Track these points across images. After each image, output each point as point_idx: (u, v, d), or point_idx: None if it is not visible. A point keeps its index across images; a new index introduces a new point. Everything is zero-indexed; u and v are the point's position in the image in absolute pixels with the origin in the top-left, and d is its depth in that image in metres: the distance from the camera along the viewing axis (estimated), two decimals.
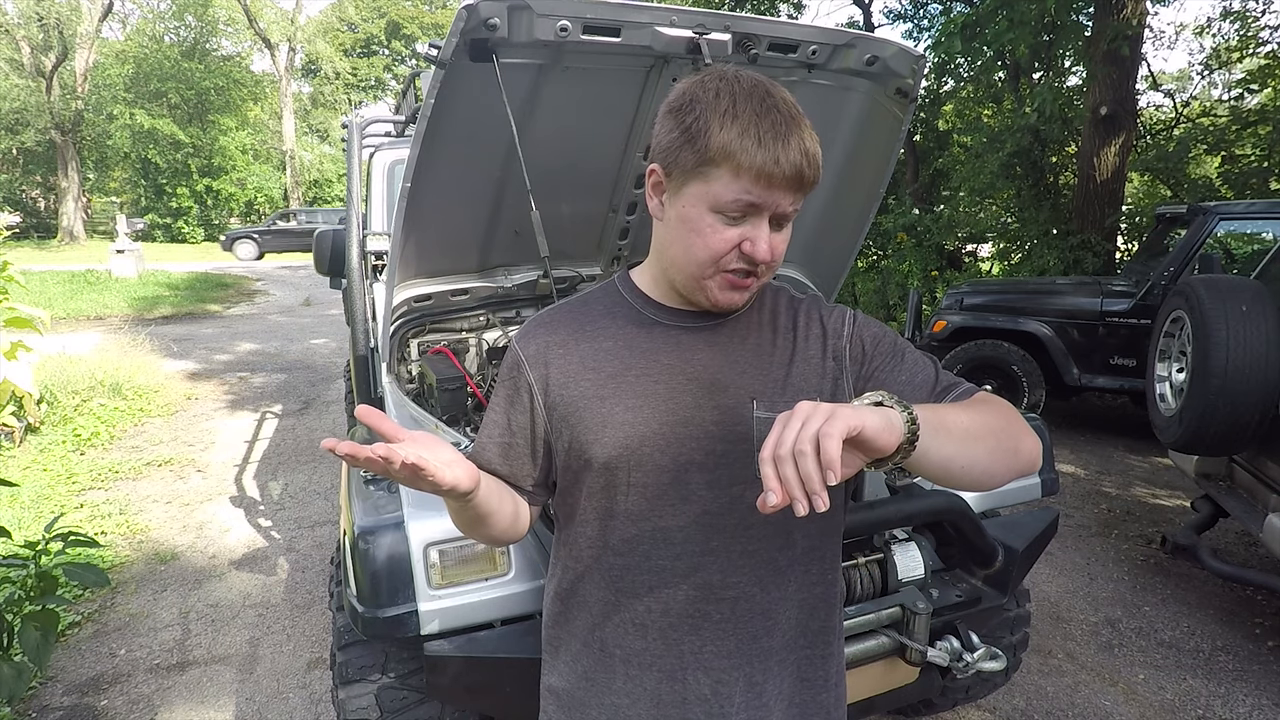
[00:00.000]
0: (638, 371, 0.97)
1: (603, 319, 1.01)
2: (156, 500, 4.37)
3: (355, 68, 38.54)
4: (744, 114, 0.85)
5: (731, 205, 0.86)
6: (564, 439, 0.98)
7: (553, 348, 1.00)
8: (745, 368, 0.98)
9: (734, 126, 0.84)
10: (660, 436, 0.95)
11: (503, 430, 1.02)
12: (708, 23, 1.81)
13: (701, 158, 0.86)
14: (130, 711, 2.56)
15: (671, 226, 0.93)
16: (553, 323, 1.02)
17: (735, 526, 0.96)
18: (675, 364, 0.97)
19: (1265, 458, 2.91)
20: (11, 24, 22.69)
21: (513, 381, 1.01)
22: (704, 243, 0.89)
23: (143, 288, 13.34)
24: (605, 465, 0.96)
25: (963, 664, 1.58)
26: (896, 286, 9.72)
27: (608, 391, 0.96)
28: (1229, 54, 10.37)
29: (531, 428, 1.00)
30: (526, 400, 1.00)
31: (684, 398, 0.96)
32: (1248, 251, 6.43)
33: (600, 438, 0.95)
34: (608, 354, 0.98)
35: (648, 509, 0.96)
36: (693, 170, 0.87)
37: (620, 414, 0.95)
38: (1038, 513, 1.92)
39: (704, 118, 0.86)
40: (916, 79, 2.06)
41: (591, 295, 1.06)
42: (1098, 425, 6.10)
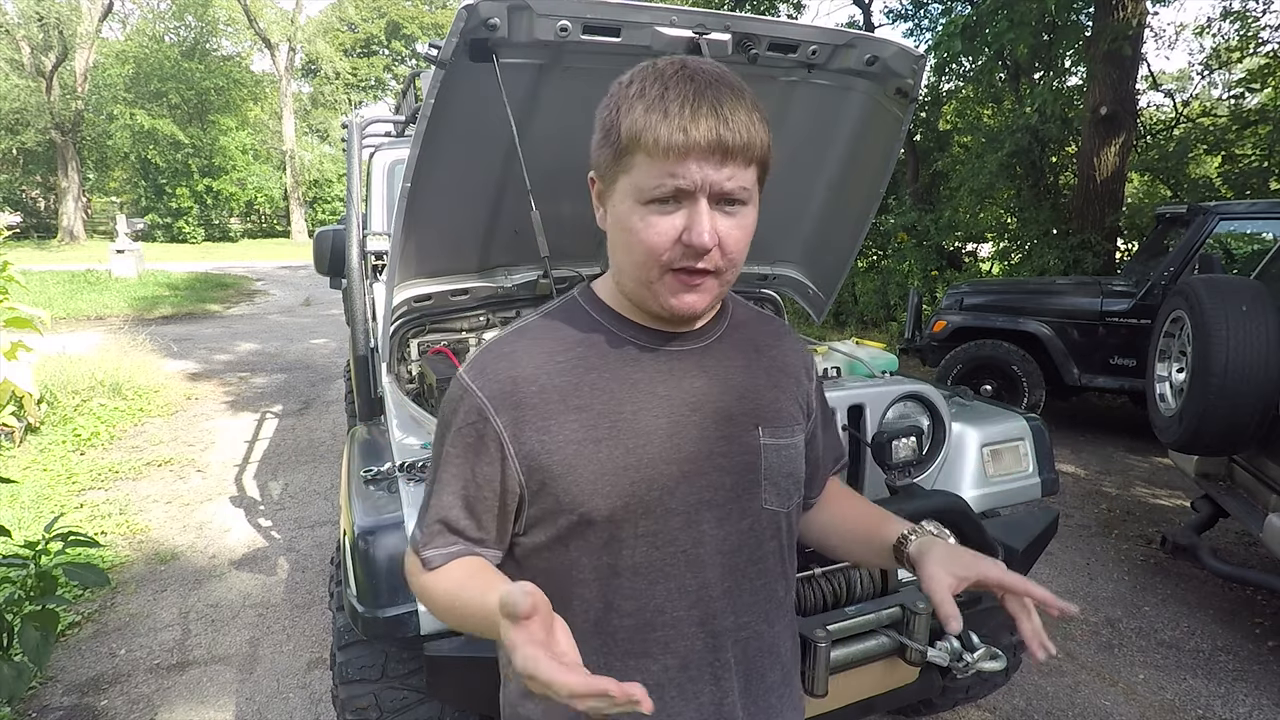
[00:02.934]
0: (634, 406, 0.85)
1: (577, 346, 0.87)
2: (156, 500, 4.37)
3: (355, 68, 38.53)
4: (650, 91, 0.78)
5: (654, 191, 0.78)
6: (548, 494, 0.84)
7: (522, 385, 0.84)
8: (742, 391, 0.92)
9: (639, 105, 0.78)
10: (668, 478, 0.85)
11: (465, 484, 0.86)
12: (708, 23, 1.81)
13: (617, 149, 0.80)
14: (130, 711, 2.56)
15: (611, 233, 0.85)
16: (515, 355, 0.86)
17: (747, 564, 0.91)
18: (673, 394, 0.87)
19: (1265, 458, 2.91)
20: (11, 24, 22.68)
21: (473, 430, 0.85)
22: (639, 240, 0.80)
23: (143, 288, 13.35)
24: (609, 519, 0.84)
25: (963, 664, 1.58)
26: (896, 286, 9.72)
27: (602, 433, 0.84)
28: (1229, 54, 10.37)
29: (502, 482, 0.85)
30: (494, 451, 0.84)
31: (688, 431, 0.87)
32: (1248, 251, 6.43)
33: (600, 488, 0.83)
34: (593, 389, 0.85)
35: (660, 560, 0.86)
36: (614, 165, 0.81)
37: (621, 458, 0.84)
38: (1038, 513, 1.93)
39: (615, 108, 0.80)
40: (916, 79, 2.06)
41: (552, 316, 0.91)
42: (1098, 425, 6.10)
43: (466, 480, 0.86)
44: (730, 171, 0.78)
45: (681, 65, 0.79)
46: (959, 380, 5.53)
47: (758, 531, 0.92)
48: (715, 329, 0.93)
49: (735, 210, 0.81)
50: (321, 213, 30.86)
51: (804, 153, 2.32)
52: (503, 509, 0.87)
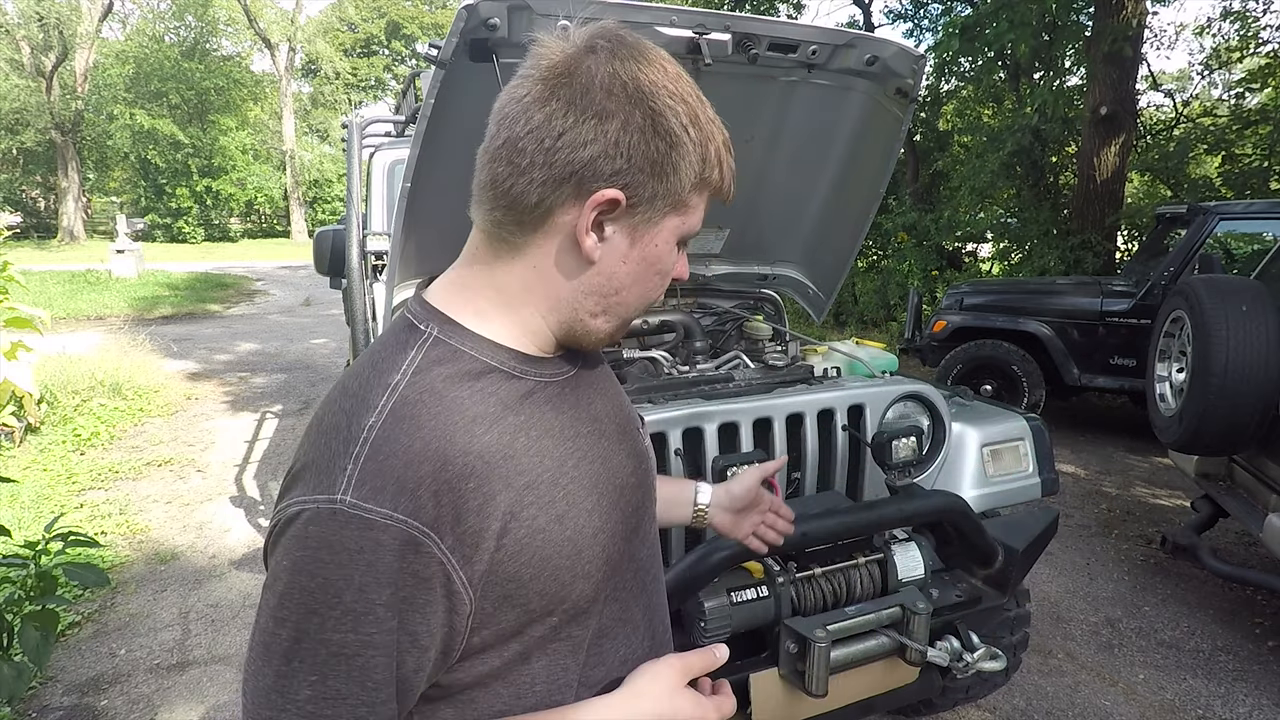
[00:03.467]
0: (575, 459, 0.72)
1: (487, 407, 0.66)
2: (156, 500, 4.37)
3: (355, 68, 38.53)
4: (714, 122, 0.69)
5: (695, 232, 0.72)
6: (512, 608, 0.66)
7: (456, 488, 0.61)
8: (618, 395, 0.86)
9: (719, 138, 0.69)
10: (619, 522, 0.75)
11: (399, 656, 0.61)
12: (708, 23, 1.81)
13: (699, 182, 0.69)
14: (130, 711, 2.56)
15: (625, 268, 0.70)
16: (427, 448, 0.61)
17: (658, 570, 0.87)
18: (592, 428, 0.76)
19: (1265, 458, 2.91)
20: (11, 24, 22.68)
21: (407, 578, 0.59)
22: (663, 280, 0.73)
23: (143, 288, 13.35)
24: (594, 598, 0.72)
25: (963, 664, 1.58)
26: (896, 286, 9.72)
27: (560, 508, 0.68)
28: (1229, 54, 10.37)
29: (450, 624, 0.63)
30: (439, 591, 0.61)
31: (614, 461, 0.77)
32: (1248, 251, 6.43)
33: (580, 570, 0.69)
34: (530, 455, 0.67)
35: (619, 611, 0.78)
36: (678, 199, 0.68)
37: (586, 524, 0.70)
38: (1038, 513, 1.92)
39: (695, 127, 0.67)
40: (916, 79, 2.06)
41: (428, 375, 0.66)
42: (1098, 425, 6.10)
43: (406, 652, 0.61)
44: None
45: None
46: (959, 380, 5.53)
47: (656, 533, 0.90)
48: None
49: None
50: (321, 213, 30.84)
51: (804, 153, 2.32)
52: (442, 660, 0.65)
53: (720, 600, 1.44)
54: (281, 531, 0.61)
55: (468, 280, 0.73)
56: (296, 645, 0.59)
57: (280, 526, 0.61)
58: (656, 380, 2.09)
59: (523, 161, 0.65)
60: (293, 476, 0.64)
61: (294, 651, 0.59)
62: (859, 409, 1.93)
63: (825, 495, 1.90)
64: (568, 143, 0.63)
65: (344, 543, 0.58)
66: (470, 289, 0.72)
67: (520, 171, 0.65)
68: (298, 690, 0.59)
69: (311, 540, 0.58)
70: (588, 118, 0.63)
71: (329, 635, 0.58)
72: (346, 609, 0.58)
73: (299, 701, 0.59)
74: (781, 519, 1.19)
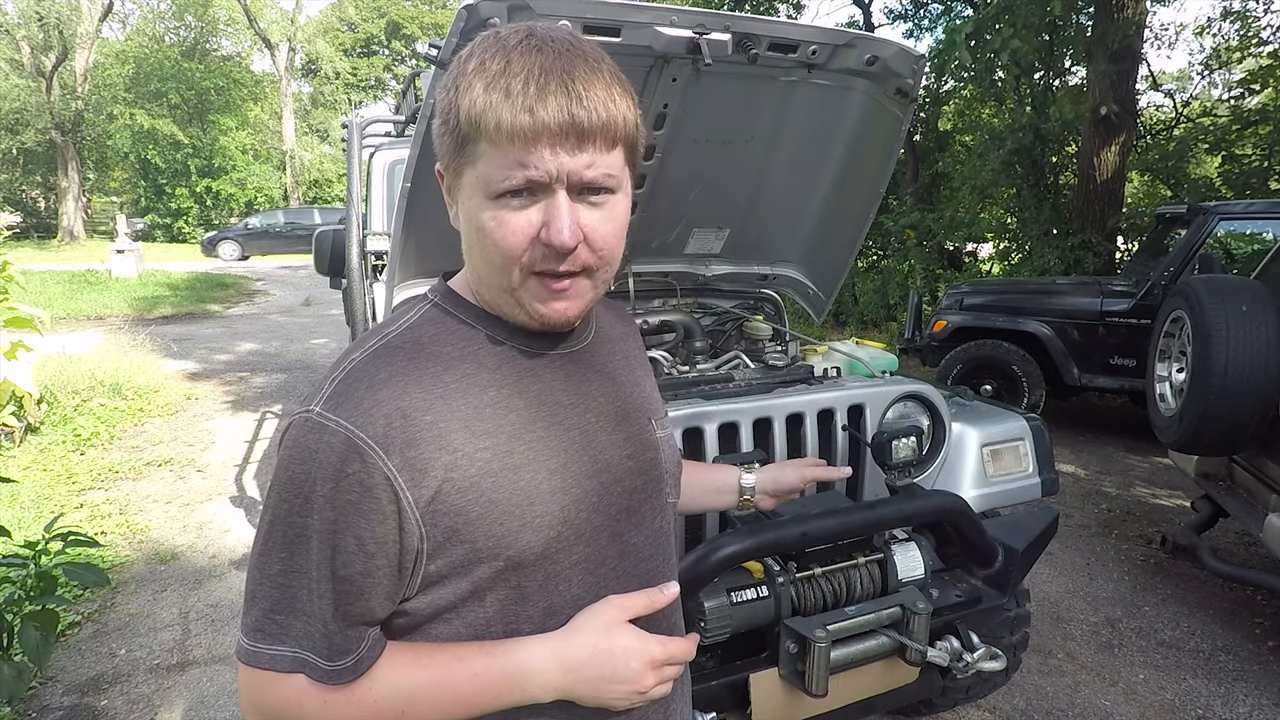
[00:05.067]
0: (545, 422, 0.76)
1: (462, 362, 0.74)
2: (156, 500, 4.37)
3: (355, 68, 38.53)
4: (491, 66, 0.67)
5: (503, 183, 0.68)
6: (460, 543, 0.71)
7: (413, 417, 0.69)
8: (631, 386, 0.87)
9: (479, 83, 0.67)
10: (593, 493, 0.78)
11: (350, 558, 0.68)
12: (708, 23, 1.81)
13: (458, 136, 0.69)
14: (130, 711, 2.56)
15: (463, 233, 0.75)
16: (393, 380, 0.70)
17: (662, 564, 0.87)
18: (576, 401, 0.80)
19: (1265, 458, 2.91)
20: (11, 24, 22.69)
21: (354, 484, 0.67)
22: (493, 241, 0.71)
23: (143, 288, 13.35)
24: (544, 554, 0.74)
25: (963, 664, 1.58)
26: (897, 286, 9.72)
27: (519, 458, 0.73)
28: (1229, 54, 10.37)
29: (400, 541, 0.69)
30: (387, 504, 0.68)
31: (599, 438, 0.80)
32: (1248, 251, 6.43)
33: (530, 521, 0.73)
34: (497, 408, 0.74)
35: (594, 584, 0.79)
36: (457, 155, 0.71)
37: (545, 481, 0.74)
38: (1038, 513, 1.92)
39: (454, 88, 0.69)
40: (916, 79, 2.06)
41: (416, 329, 0.77)
42: (1098, 425, 6.10)
43: (351, 552, 0.68)
44: (589, 157, 0.68)
45: (528, 34, 0.69)
46: (959, 380, 5.53)
47: (665, 528, 0.89)
48: (590, 322, 0.87)
49: (601, 200, 0.71)
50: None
51: (804, 153, 2.32)
52: (397, 577, 0.71)
53: (720, 600, 1.44)
54: (280, 439, 0.73)
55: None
56: (271, 527, 0.70)
57: (280, 435, 0.74)
58: (656, 380, 2.09)
59: None
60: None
61: (270, 532, 0.70)
62: (859, 409, 1.93)
63: (825, 495, 1.89)
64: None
65: (306, 443, 0.69)
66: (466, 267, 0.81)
67: None
68: (271, 565, 0.70)
69: (289, 442, 0.70)
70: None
71: (293, 518, 0.69)
72: (304, 497, 0.68)
73: (272, 575, 0.70)
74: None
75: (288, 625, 0.70)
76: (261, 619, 0.70)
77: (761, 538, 1.41)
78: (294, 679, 0.70)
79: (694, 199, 2.37)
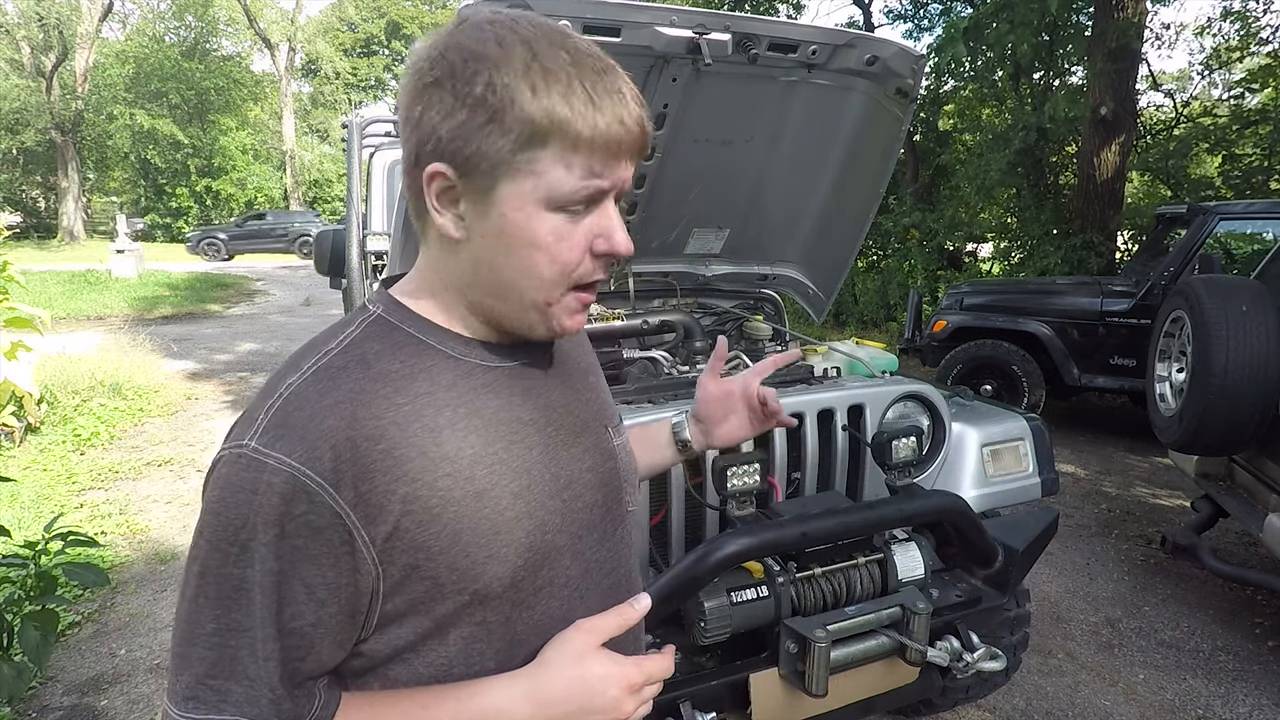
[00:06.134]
0: (505, 441, 0.70)
1: (414, 380, 0.67)
2: (156, 500, 4.37)
3: (355, 68, 38.54)
4: (554, 63, 0.62)
5: (575, 193, 0.64)
6: (420, 579, 0.65)
7: (362, 447, 0.62)
8: (587, 394, 0.83)
9: (551, 84, 0.61)
10: (555, 514, 0.73)
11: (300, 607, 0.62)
12: (708, 23, 1.81)
13: (519, 139, 0.62)
14: (130, 711, 2.56)
15: (489, 244, 0.67)
16: (339, 406, 0.63)
17: (624, 575, 0.84)
18: (536, 416, 0.74)
19: (1265, 458, 2.91)
20: (11, 24, 22.70)
21: (301, 525, 0.60)
22: (550, 257, 0.66)
23: (143, 288, 13.35)
24: (510, 584, 0.69)
25: (963, 664, 1.58)
26: (897, 286, 9.72)
27: (481, 484, 0.67)
28: (1229, 54, 10.37)
29: (353, 584, 0.63)
30: (339, 544, 0.61)
31: (560, 453, 0.75)
32: (1248, 251, 6.43)
33: (496, 552, 0.67)
34: (455, 429, 0.67)
35: (557, 606, 0.74)
36: (508, 159, 0.63)
37: (509, 506, 0.69)
38: (1038, 513, 1.92)
39: (501, 80, 0.61)
40: (916, 79, 2.06)
41: (360, 346, 0.68)
42: (1098, 425, 6.10)
43: (300, 604, 0.62)
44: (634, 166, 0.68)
45: (563, 35, 0.64)
46: (959, 380, 5.53)
47: (626, 538, 0.86)
48: None
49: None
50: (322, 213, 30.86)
51: (804, 153, 2.32)
52: (350, 622, 0.65)
53: (720, 600, 1.44)
54: (207, 478, 0.65)
55: (417, 266, 0.75)
56: (202, 580, 0.62)
57: (207, 473, 0.66)
58: (656, 380, 2.09)
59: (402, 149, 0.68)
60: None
61: (201, 586, 0.62)
62: (859, 409, 1.93)
63: (825, 495, 1.89)
64: (406, 123, 0.66)
65: (242, 483, 0.61)
66: (415, 275, 0.75)
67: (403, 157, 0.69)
68: (204, 623, 0.62)
69: (220, 481, 0.62)
70: (415, 97, 0.65)
71: (228, 570, 0.61)
72: (242, 545, 0.60)
73: (205, 634, 0.62)
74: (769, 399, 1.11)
75: (226, 691, 0.61)
76: (195, 685, 0.61)
77: (761, 538, 1.41)
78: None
79: (694, 199, 2.37)
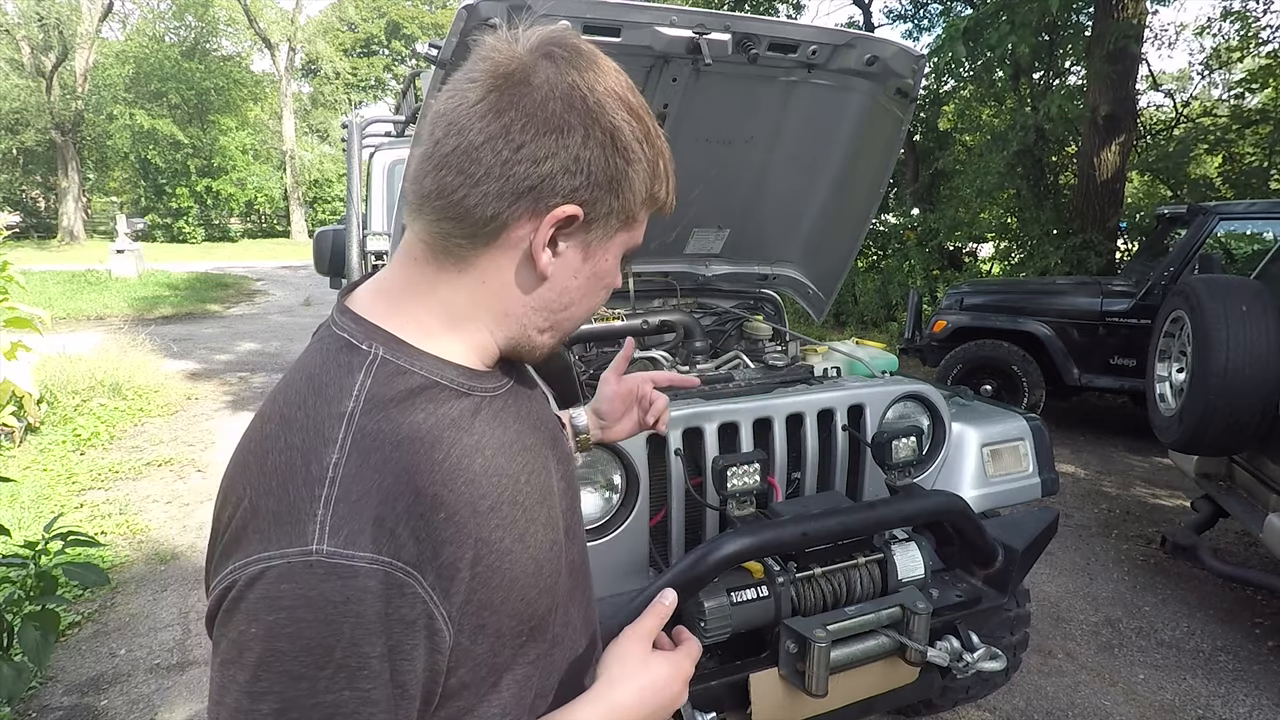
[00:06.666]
0: (526, 473, 0.70)
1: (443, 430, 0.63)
2: (156, 500, 4.37)
3: (355, 68, 38.52)
4: (661, 137, 0.70)
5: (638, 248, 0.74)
6: (485, 636, 0.63)
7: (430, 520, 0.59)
8: (543, 400, 0.86)
9: (667, 153, 0.70)
10: (563, 532, 0.77)
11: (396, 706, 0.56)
12: (708, 23, 1.81)
13: (648, 198, 0.69)
14: (130, 711, 2.56)
15: (579, 285, 0.70)
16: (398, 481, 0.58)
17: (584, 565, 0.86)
18: (536, 442, 0.74)
19: (1265, 458, 2.91)
20: (11, 24, 22.68)
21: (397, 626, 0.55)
22: (606, 295, 0.74)
23: (143, 288, 13.34)
24: (551, 608, 0.72)
25: (963, 664, 1.58)
26: (897, 286, 9.73)
27: (522, 526, 0.67)
28: (1229, 54, 10.38)
29: (433, 666, 0.58)
30: (421, 630, 0.57)
31: (550, 466, 0.77)
32: (1248, 251, 6.43)
33: (543, 585, 0.69)
34: (489, 475, 0.65)
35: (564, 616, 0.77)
36: (629, 216, 0.69)
37: (543, 536, 0.70)
38: (1038, 513, 1.92)
39: (648, 143, 0.67)
40: (916, 79, 2.06)
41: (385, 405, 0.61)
42: (1098, 425, 6.10)
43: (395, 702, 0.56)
44: None
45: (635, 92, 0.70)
46: (959, 380, 5.53)
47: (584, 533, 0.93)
48: None
49: None
50: (321, 213, 30.83)
51: (804, 153, 2.32)
52: (424, 708, 0.60)
53: (720, 600, 1.44)
54: (240, 597, 0.53)
55: (408, 292, 0.68)
56: (283, 718, 0.52)
57: (238, 590, 0.53)
58: None
59: (477, 172, 0.61)
60: (238, 529, 0.57)
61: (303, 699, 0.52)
62: (859, 409, 1.93)
63: (825, 495, 1.90)
64: (527, 156, 0.61)
65: (328, 596, 0.52)
66: (412, 302, 0.67)
67: (475, 183, 0.62)
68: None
69: (286, 599, 0.52)
70: (548, 130, 0.61)
71: (321, 699, 0.52)
72: (339, 666, 0.52)
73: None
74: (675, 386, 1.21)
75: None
76: None
77: (761, 538, 1.42)
78: None
79: (694, 199, 2.37)
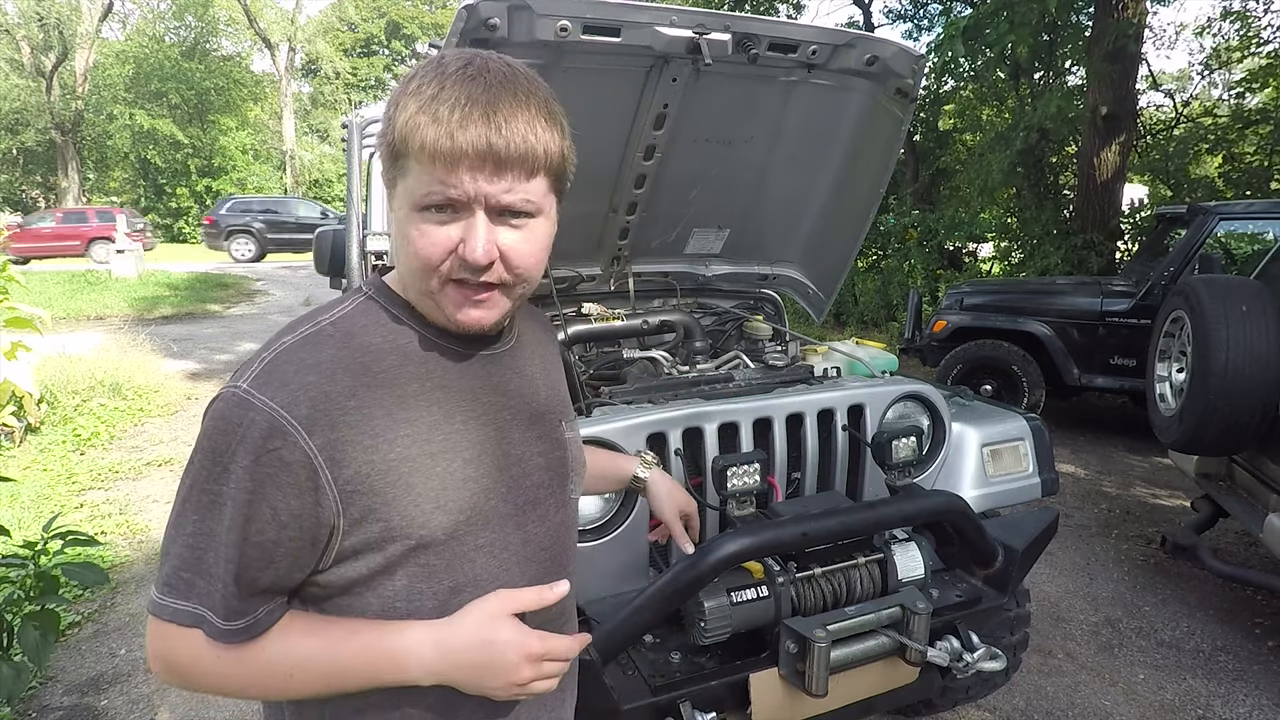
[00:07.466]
0: (463, 416, 0.83)
1: (390, 354, 0.80)
2: (156, 500, 4.37)
3: (355, 68, 38.52)
4: (426, 90, 0.73)
5: (426, 199, 0.74)
6: (375, 521, 0.76)
7: (337, 401, 0.75)
8: (546, 390, 0.95)
9: (413, 104, 0.73)
10: (502, 484, 0.85)
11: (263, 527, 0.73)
12: (708, 23, 1.81)
13: (392, 150, 0.75)
14: (130, 711, 2.56)
15: (393, 236, 0.81)
16: (321, 365, 0.76)
17: (561, 553, 0.94)
18: (496, 400, 0.87)
19: (1265, 458, 2.91)
20: (11, 24, 22.69)
21: (273, 459, 0.72)
22: (414, 250, 0.77)
23: (143, 288, 13.33)
24: (451, 535, 0.80)
25: (963, 664, 1.58)
26: (897, 286, 9.72)
27: (436, 447, 0.80)
28: (1229, 54, 10.38)
29: (314, 517, 0.74)
30: (304, 480, 0.73)
31: (513, 434, 0.88)
32: (1248, 251, 6.43)
33: (443, 503, 0.79)
34: (419, 399, 0.80)
35: (496, 567, 0.85)
36: (392, 166, 0.77)
37: (460, 469, 0.81)
38: (1038, 513, 1.92)
39: (394, 104, 0.75)
40: (916, 79, 2.06)
41: (348, 319, 0.82)
42: (1098, 425, 6.10)
43: (265, 522, 0.73)
44: (508, 183, 0.74)
45: (466, 62, 0.74)
46: (959, 380, 5.53)
47: (568, 521, 0.97)
48: (513, 327, 0.94)
49: (521, 223, 0.78)
50: None
51: (804, 153, 2.32)
52: (310, 549, 0.76)
53: (720, 600, 1.44)
54: (206, 410, 0.78)
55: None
56: (190, 490, 0.76)
57: (207, 406, 0.78)
58: (656, 380, 2.09)
59: None
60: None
61: (188, 495, 0.76)
62: (859, 409, 1.93)
63: (825, 495, 1.89)
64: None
65: (231, 416, 0.74)
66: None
67: None
68: (185, 525, 0.76)
69: (214, 413, 0.75)
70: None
71: (210, 485, 0.74)
72: (223, 466, 0.73)
73: (185, 534, 0.75)
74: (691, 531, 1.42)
75: (192, 583, 0.75)
76: (171, 574, 0.76)
77: (761, 537, 1.41)
78: (193, 633, 0.76)
79: (694, 199, 2.37)
